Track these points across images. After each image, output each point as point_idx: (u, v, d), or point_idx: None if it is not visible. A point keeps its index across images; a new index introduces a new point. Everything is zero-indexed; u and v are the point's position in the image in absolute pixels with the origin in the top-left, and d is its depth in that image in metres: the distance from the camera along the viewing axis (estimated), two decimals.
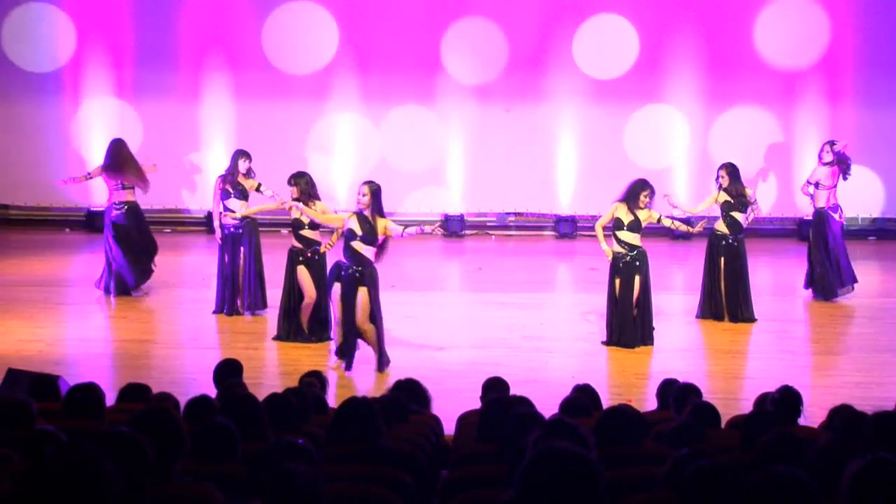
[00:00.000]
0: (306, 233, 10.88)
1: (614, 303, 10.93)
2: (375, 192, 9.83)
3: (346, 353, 9.91)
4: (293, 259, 10.92)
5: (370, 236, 9.76)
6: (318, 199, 10.90)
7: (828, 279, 12.76)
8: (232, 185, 11.88)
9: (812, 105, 17.43)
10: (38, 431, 5.13)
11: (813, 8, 17.25)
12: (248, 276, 11.92)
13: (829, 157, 12.78)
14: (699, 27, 17.31)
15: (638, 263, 10.87)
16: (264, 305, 11.96)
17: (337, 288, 9.88)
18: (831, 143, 13.03)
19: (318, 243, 10.94)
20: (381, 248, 9.92)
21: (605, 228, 11.05)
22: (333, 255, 11.12)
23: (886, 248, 16.56)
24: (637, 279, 10.86)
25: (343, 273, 9.84)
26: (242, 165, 11.90)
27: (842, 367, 10.59)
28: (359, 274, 9.80)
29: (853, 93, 17.35)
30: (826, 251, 12.74)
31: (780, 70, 17.34)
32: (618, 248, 10.90)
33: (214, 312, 11.88)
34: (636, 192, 10.87)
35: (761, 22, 17.29)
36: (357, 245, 9.78)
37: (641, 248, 10.90)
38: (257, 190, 12.01)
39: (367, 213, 9.81)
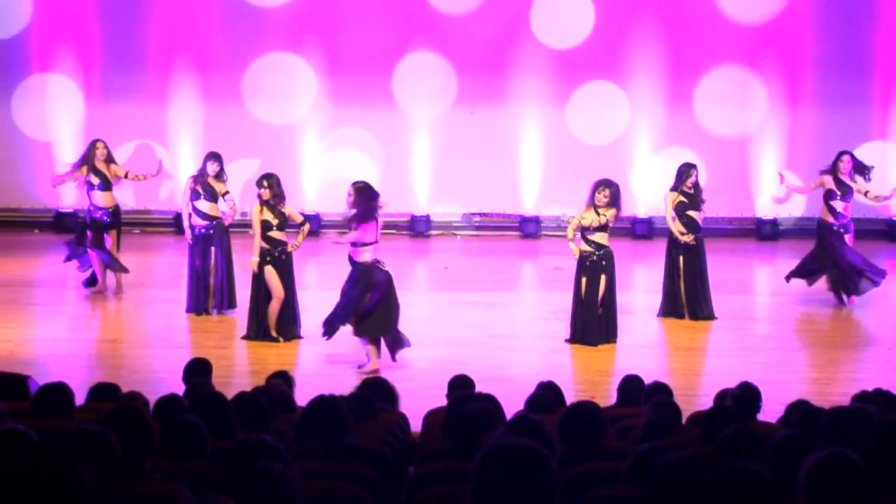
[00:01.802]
0: (274, 233, 10.86)
1: (580, 301, 10.96)
2: None
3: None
4: (261, 259, 10.88)
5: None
6: (284, 198, 10.92)
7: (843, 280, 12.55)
8: (202, 186, 11.85)
9: (769, 108, 17.59)
10: (7, 430, 5.09)
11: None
12: (220, 276, 11.88)
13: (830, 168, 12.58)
14: (661, 25, 17.41)
15: (604, 263, 10.90)
16: (233, 305, 11.93)
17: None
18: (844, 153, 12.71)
19: (285, 243, 10.94)
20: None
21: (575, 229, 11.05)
22: (297, 255, 11.11)
23: None
24: (603, 278, 10.88)
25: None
26: (211, 168, 11.86)
27: (799, 364, 10.66)
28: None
29: (812, 97, 17.52)
30: (831, 258, 12.50)
31: (738, 73, 17.50)
32: (585, 248, 10.93)
33: (188, 311, 11.84)
34: (594, 192, 10.88)
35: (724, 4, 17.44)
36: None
37: (608, 248, 10.93)
38: (223, 196, 11.98)
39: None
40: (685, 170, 12.10)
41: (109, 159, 12.79)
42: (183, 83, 17.49)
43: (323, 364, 10.04)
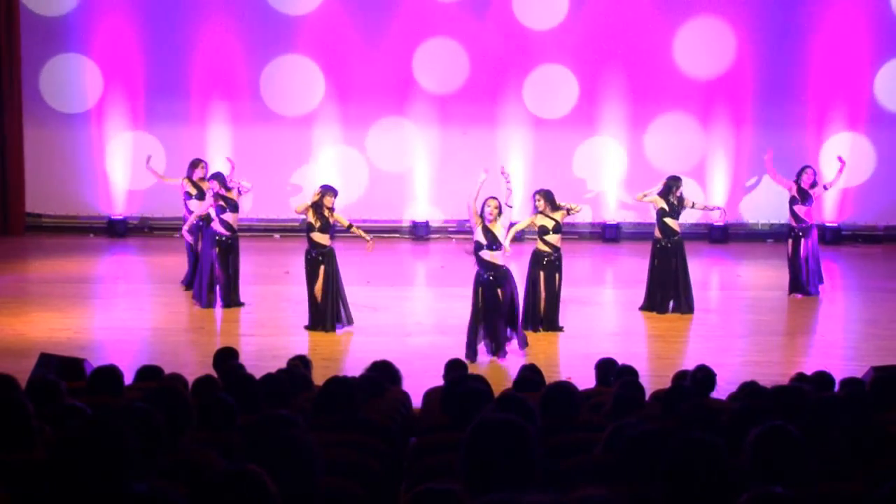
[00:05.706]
0: (314, 235, 10.77)
1: (533, 294, 10.87)
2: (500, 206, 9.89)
3: (489, 345, 9.73)
4: (305, 257, 10.83)
5: (496, 243, 9.73)
6: (334, 208, 10.87)
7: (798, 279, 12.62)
8: (223, 199, 11.75)
9: (720, 130, 17.61)
10: (66, 406, 5.08)
11: (722, 31, 17.43)
12: (232, 278, 11.78)
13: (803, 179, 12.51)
14: (628, 61, 17.41)
15: (558, 263, 10.95)
16: (239, 303, 11.78)
17: (479, 293, 9.73)
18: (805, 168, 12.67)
19: (324, 246, 10.77)
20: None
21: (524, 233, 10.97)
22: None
23: (782, 249, 16.68)
24: (557, 276, 10.94)
25: (483, 279, 9.76)
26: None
27: (746, 348, 10.65)
28: (492, 278, 9.74)
29: (753, 122, 17.54)
30: (794, 256, 12.61)
31: (695, 92, 17.53)
32: (544, 248, 10.97)
33: (202, 306, 11.68)
34: (533, 202, 10.90)
35: (678, 44, 17.44)
36: (484, 254, 9.72)
37: (560, 249, 10.98)
38: (239, 193, 11.93)
39: (490, 225, 9.75)
40: (672, 182, 11.86)
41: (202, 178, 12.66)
42: (217, 109, 17.47)
43: (336, 349, 10.01)
